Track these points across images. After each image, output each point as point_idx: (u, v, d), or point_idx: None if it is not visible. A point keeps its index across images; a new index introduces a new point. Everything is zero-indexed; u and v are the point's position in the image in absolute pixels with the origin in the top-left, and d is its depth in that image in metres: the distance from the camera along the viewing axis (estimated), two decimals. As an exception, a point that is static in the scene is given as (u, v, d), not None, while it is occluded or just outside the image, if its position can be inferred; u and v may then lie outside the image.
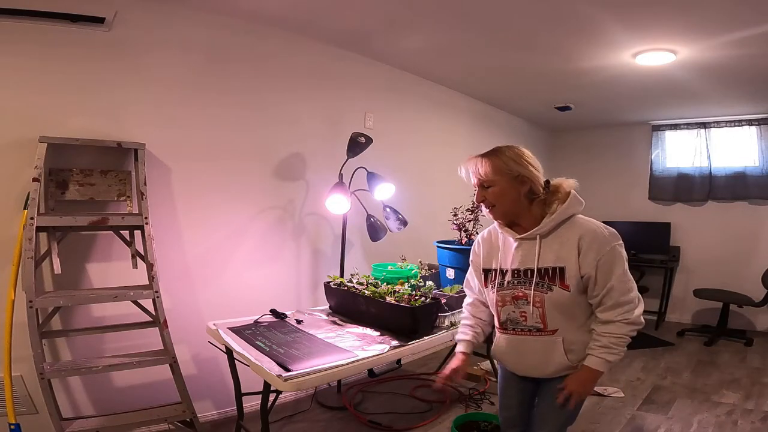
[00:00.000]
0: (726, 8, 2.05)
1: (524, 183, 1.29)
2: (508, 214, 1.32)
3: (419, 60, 3.08)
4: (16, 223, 1.78)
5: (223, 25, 2.33)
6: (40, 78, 1.88)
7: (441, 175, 3.72)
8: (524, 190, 1.29)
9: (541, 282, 1.26)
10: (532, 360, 1.35)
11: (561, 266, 1.24)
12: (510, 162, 1.29)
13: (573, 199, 1.28)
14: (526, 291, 1.29)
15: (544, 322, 1.28)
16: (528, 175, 1.29)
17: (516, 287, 1.31)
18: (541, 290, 1.26)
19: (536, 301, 1.27)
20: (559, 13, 2.22)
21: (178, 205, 2.24)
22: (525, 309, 1.30)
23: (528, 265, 1.29)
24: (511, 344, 1.38)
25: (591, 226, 1.25)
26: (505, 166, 1.28)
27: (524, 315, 1.31)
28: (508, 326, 1.36)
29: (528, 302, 1.29)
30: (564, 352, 1.28)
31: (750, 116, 4.16)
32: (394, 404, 2.60)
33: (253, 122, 2.49)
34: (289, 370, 1.40)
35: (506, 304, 1.34)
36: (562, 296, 1.24)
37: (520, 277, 1.30)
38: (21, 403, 1.83)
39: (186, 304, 2.25)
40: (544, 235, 1.28)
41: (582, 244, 1.22)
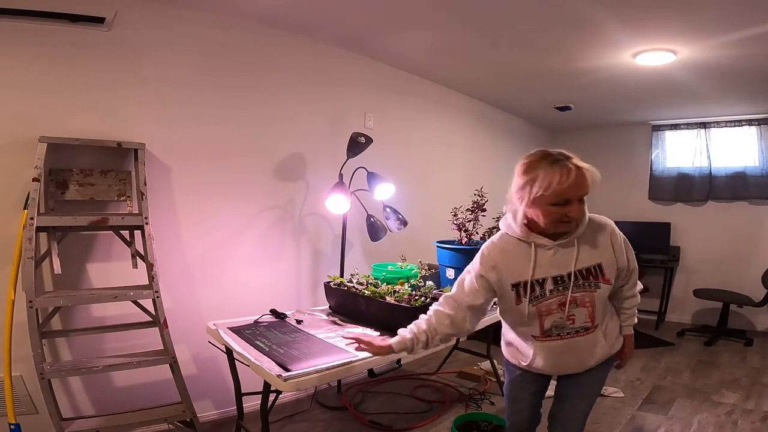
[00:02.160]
0: (726, 8, 2.05)
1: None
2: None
3: (419, 60, 3.08)
4: (16, 223, 1.78)
5: (223, 25, 2.33)
6: (40, 78, 1.88)
7: (441, 175, 3.73)
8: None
9: (586, 282, 1.27)
10: (575, 358, 1.35)
11: (598, 263, 1.28)
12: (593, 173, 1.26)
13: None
14: (575, 294, 1.27)
15: (593, 320, 1.31)
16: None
17: (561, 293, 1.28)
18: (590, 290, 1.27)
19: (586, 301, 1.28)
20: (559, 13, 2.22)
21: (178, 205, 2.24)
22: (574, 312, 1.29)
23: (567, 269, 1.27)
24: (555, 349, 1.34)
25: (609, 222, 1.34)
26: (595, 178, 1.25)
27: (572, 318, 1.29)
28: (553, 333, 1.32)
29: (577, 305, 1.28)
30: (604, 340, 1.35)
31: (750, 116, 4.16)
32: (394, 404, 2.60)
33: (253, 122, 2.49)
34: (289, 370, 1.40)
35: (552, 313, 1.30)
36: (606, 290, 1.29)
37: (563, 283, 1.28)
38: (21, 403, 1.83)
39: (186, 304, 2.25)
40: (581, 239, 1.29)
41: (614, 240, 1.30)
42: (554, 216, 1.21)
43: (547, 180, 1.17)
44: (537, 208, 1.22)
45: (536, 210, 1.22)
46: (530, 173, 1.21)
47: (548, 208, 1.20)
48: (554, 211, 1.20)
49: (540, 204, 1.20)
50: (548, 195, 1.18)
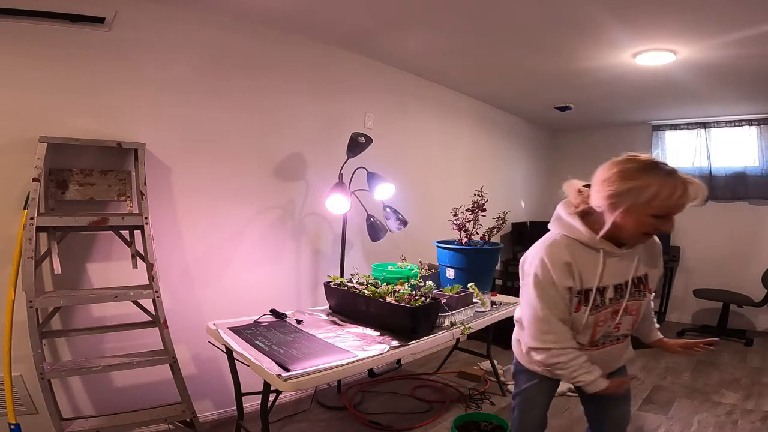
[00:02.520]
0: (726, 8, 2.05)
1: None
2: None
3: (419, 60, 3.08)
4: (16, 223, 1.78)
5: (223, 24, 2.33)
6: (40, 78, 1.88)
7: (441, 175, 3.73)
8: None
9: (637, 290, 1.28)
10: (605, 364, 1.30)
11: (646, 272, 1.29)
12: None
13: None
14: (627, 303, 1.26)
15: (633, 328, 1.34)
16: None
17: (617, 302, 1.26)
18: (639, 298, 1.28)
19: (633, 309, 1.28)
20: (559, 13, 2.22)
21: (178, 205, 2.24)
22: (621, 320, 1.28)
23: (626, 277, 1.26)
24: (596, 358, 1.29)
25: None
26: None
27: (619, 326, 1.29)
28: (600, 341, 1.30)
29: (627, 313, 1.28)
30: (630, 344, 1.39)
31: (750, 116, 4.16)
32: (394, 404, 2.60)
33: (253, 122, 2.49)
34: (289, 370, 1.40)
35: (606, 322, 1.27)
36: (648, 298, 1.32)
37: (621, 291, 1.26)
38: (21, 403, 1.83)
39: (186, 304, 2.25)
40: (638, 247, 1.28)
41: (659, 250, 1.34)
42: (647, 228, 1.15)
43: (659, 191, 1.08)
44: (632, 217, 1.13)
45: (630, 218, 1.13)
46: (638, 180, 1.10)
47: (646, 219, 1.13)
48: (650, 224, 1.13)
49: (639, 213, 1.12)
50: (655, 206, 1.10)
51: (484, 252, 2.55)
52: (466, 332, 2.01)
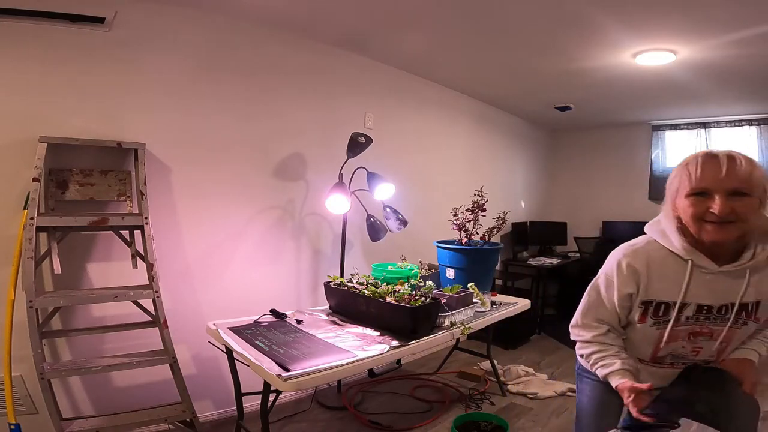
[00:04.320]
0: (726, 8, 2.05)
1: (764, 201, 1.05)
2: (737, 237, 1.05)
3: (419, 60, 3.08)
4: (16, 223, 1.78)
5: (223, 25, 2.33)
6: (40, 78, 1.88)
7: (441, 174, 3.73)
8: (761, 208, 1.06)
9: (737, 317, 1.10)
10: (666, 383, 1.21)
11: (758, 300, 1.10)
12: (765, 174, 1.05)
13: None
14: (713, 327, 1.11)
15: (719, 356, 1.16)
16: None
17: (700, 323, 1.12)
18: (735, 326, 1.11)
19: (725, 337, 1.12)
20: (559, 13, 2.22)
21: (178, 205, 2.24)
22: (702, 344, 1.14)
23: (724, 301, 1.09)
24: (657, 375, 1.20)
25: None
26: (764, 179, 1.03)
27: (697, 350, 1.15)
28: (666, 361, 1.19)
29: (711, 338, 1.13)
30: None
31: (750, 116, 4.16)
32: (394, 404, 2.60)
33: (254, 122, 2.49)
34: (289, 370, 1.40)
35: (677, 341, 1.14)
36: (752, 329, 1.14)
37: (710, 314, 1.11)
38: (21, 403, 1.83)
39: (186, 304, 2.25)
40: (753, 270, 1.08)
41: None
42: (695, 211, 1.03)
43: (690, 166, 1.05)
44: (681, 202, 1.07)
45: (681, 205, 1.07)
46: (682, 163, 1.09)
47: (689, 200, 1.04)
48: (695, 204, 1.03)
49: (683, 196, 1.06)
50: (689, 182, 1.04)
51: (484, 252, 2.55)
52: (466, 332, 2.01)
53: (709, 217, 1.02)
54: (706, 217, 1.03)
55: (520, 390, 2.77)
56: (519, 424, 2.37)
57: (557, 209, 5.30)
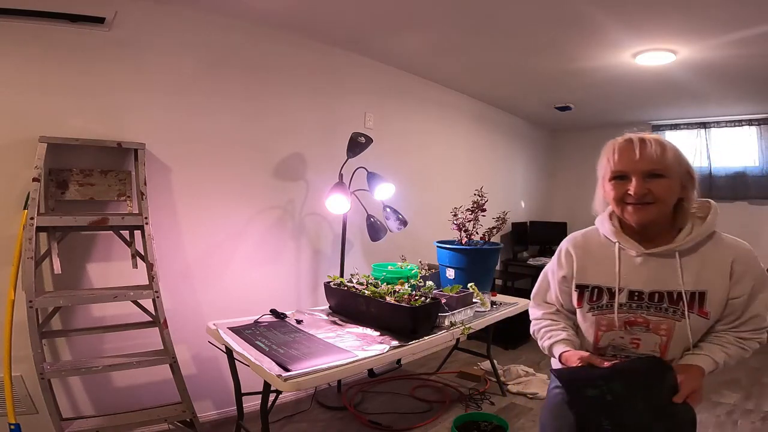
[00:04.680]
0: (726, 8, 2.05)
1: (687, 187, 1.06)
2: (658, 219, 1.05)
3: (419, 60, 3.08)
4: (16, 223, 1.78)
5: (223, 25, 2.33)
6: (40, 78, 1.88)
7: (441, 174, 3.73)
8: (683, 193, 1.06)
9: (674, 308, 1.05)
10: None
11: (702, 290, 1.04)
12: (681, 156, 1.06)
13: (716, 212, 1.08)
14: (648, 317, 1.07)
15: (663, 352, 1.09)
16: (694, 177, 1.07)
17: (633, 311, 1.09)
18: (672, 317, 1.06)
19: (662, 328, 1.07)
20: (559, 14, 2.22)
21: (178, 205, 2.24)
22: (640, 336, 1.09)
23: (656, 287, 1.07)
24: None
25: (743, 246, 1.06)
26: (680, 159, 1.05)
27: (636, 342, 1.10)
28: (608, 353, 1.15)
29: (648, 329, 1.08)
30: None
31: (750, 116, 4.16)
32: (394, 404, 2.60)
33: (253, 122, 2.49)
34: (289, 370, 1.40)
35: (612, 329, 1.11)
36: (699, 324, 1.05)
37: (641, 300, 1.08)
38: (21, 403, 1.83)
39: (186, 304, 2.25)
40: (684, 253, 1.06)
41: (737, 268, 1.03)
42: (616, 193, 1.05)
43: (610, 151, 1.07)
44: (606, 187, 1.09)
45: (606, 189, 1.09)
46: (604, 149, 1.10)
47: (611, 184, 1.07)
48: (616, 187, 1.05)
49: (607, 180, 1.08)
50: (609, 167, 1.06)
51: (484, 252, 2.55)
52: (466, 332, 2.01)
53: (629, 199, 1.04)
54: (626, 199, 1.05)
55: (520, 390, 2.77)
56: (519, 424, 2.37)
57: (557, 209, 5.30)
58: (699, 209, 1.09)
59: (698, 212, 1.08)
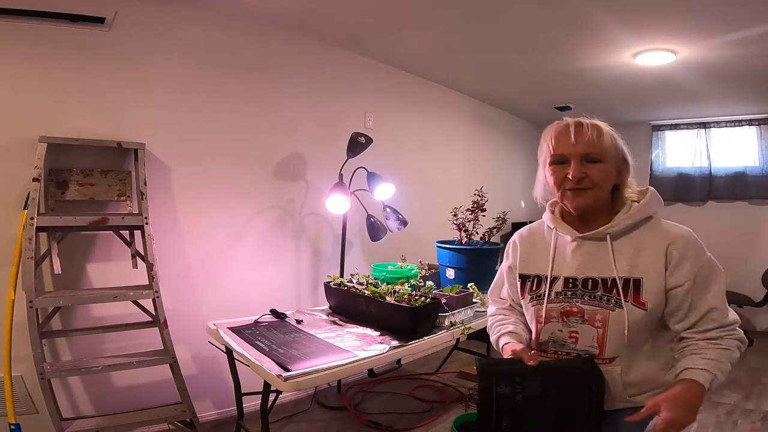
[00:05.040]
0: (726, 8, 2.05)
1: (623, 171, 1.06)
2: (596, 203, 1.03)
3: (419, 60, 3.08)
4: (16, 223, 1.78)
5: (223, 25, 2.33)
6: (40, 78, 1.88)
7: (441, 175, 3.73)
8: (619, 179, 1.06)
9: (607, 296, 1.00)
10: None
11: (637, 278, 0.98)
12: (618, 141, 1.05)
13: (653, 196, 1.06)
14: (583, 306, 1.02)
15: (602, 347, 1.01)
16: (629, 163, 1.07)
17: (568, 299, 1.04)
18: (606, 306, 0.99)
19: (597, 319, 1.00)
20: (559, 14, 2.22)
21: (178, 205, 2.24)
22: (577, 328, 1.03)
23: (589, 272, 1.02)
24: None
25: (681, 231, 1.01)
26: (616, 144, 1.04)
27: (575, 336, 1.03)
28: (549, 348, 1.08)
29: (584, 320, 1.02)
30: (622, 385, 1.01)
31: (750, 116, 4.17)
32: (394, 404, 2.60)
33: (253, 122, 2.49)
34: (289, 370, 1.40)
35: (551, 321, 1.06)
36: (635, 315, 0.97)
37: (575, 288, 1.03)
38: (21, 403, 1.83)
39: (186, 304, 2.25)
40: (616, 236, 1.02)
41: (673, 253, 0.97)
42: (556, 178, 1.03)
43: (549, 136, 1.06)
44: (546, 172, 1.07)
45: (547, 175, 1.07)
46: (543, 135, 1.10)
47: (551, 168, 1.05)
48: (555, 171, 1.03)
49: (547, 165, 1.07)
50: (548, 151, 1.05)
51: (484, 252, 2.55)
52: (466, 332, 2.01)
53: (567, 184, 1.02)
54: (565, 184, 1.02)
55: (520, 390, 2.77)
56: (519, 424, 2.37)
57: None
58: (638, 195, 1.07)
59: (637, 198, 1.06)
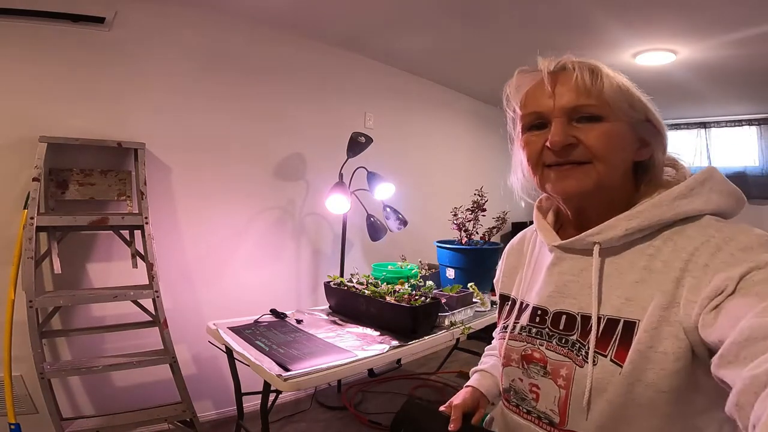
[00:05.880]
0: (726, 8, 2.05)
1: (650, 141, 0.67)
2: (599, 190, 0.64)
3: (419, 60, 3.08)
4: (16, 223, 1.78)
5: (223, 25, 2.33)
6: (40, 78, 1.88)
7: (441, 175, 3.73)
8: (643, 153, 0.67)
9: (581, 342, 0.64)
10: None
11: (631, 319, 0.60)
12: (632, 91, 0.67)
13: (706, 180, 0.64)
14: (547, 352, 0.68)
15: (563, 416, 0.65)
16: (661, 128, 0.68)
17: (532, 339, 0.71)
18: (576, 357, 0.64)
19: (561, 375, 0.65)
20: (559, 14, 2.22)
21: (178, 204, 2.24)
22: (538, 382, 0.69)
23: (564, 304, 0.68)
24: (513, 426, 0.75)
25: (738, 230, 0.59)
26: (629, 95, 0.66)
27: (536, 391, 0.70)
28: (512, 399, 0.75)
29: (546, 371, 0.68)
30: None
31: (750, 116, 4.17)
32: (394, 404, 2.60)
33: (254, 121, 2.49)
34: (289, 369, 1.40)
35: (510, 364, 0.75)
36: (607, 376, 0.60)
37: (543, 325, 0.70)
38: (21, 403, 1.83)
39: (186, 304, 2.25)
40: (613, 249, 0.65)
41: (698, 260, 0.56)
42: (530, 150, 0.68)
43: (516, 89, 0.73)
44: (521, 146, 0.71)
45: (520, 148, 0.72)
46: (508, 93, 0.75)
47: (524, 138, 0.70)
48: (530, 142, 0.68)
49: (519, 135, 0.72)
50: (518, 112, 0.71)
51: (484, 252, 2.55)
52: (466, 332, 2.01)
53: (547, 157, 0.65)
54: (544, 158, 0.66)
55: (520, 390, 2.77)
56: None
57: (557, 209, 5.29)
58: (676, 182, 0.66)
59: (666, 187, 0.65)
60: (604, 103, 0.63)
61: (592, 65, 0.66)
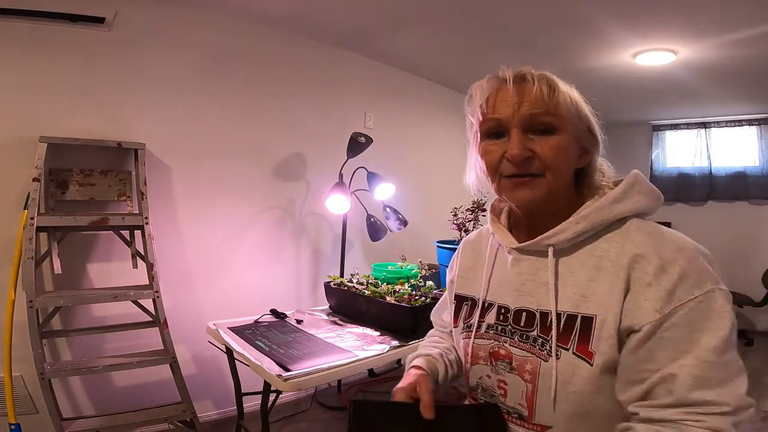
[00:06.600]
0: (726, 8, 2.05)
1: (589, 149, 0.74)
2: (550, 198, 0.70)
3: (419, 60, 3.08)
4: (16, 223, 1.78)
5: (223, 25, 2.33)
6: (40, 78, 1.88)
7: (441, 175, 3.72)
8: (584, 160, 0.74)
9: (543, 338, 0.69)
10: None
11: (588, 315, 0.65)
12: (580, 104, 0.72)
13: (632, 184, 0.71)
14: (511, 348, 0.73)
15: (530, 409, 0.69)
16: (597, 136, 0.75)
17: (498, 336, 0.76)
18: (539, 352, 0.69)
19: (526, 369, 0.70)
20: (559, 14, 2.22)
21: (179, 205, 2.24)
22: (506, 378, 0.73)
23: (524, 302, 0.74)
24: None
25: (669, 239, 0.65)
26: (578, 107, 0.71)
27: (503, 387, 0.74)
28: (480, 397, 0.80)
29: (512, 367, 0.72)
30: None
31: (750, 116, 4.17)
32: (394, 404, 2.60)
33: (254, 122, 2.49)
34: (289, 370, 1.40)
35: (478, 362, 0.78)
36: (572, 370, 0.65)
37: (506, 321, 0.75)
38: (21, 403, 1.83)
39: (186, 304, 2.25)
40: (565, 250, 0.71)
41: (638, 271, 0.63)
42: (489, 159, 0.72)
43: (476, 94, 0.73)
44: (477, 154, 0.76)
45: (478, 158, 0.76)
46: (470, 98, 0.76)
47: (483, 145, 0.74)
48: (488, 150, 0.72)
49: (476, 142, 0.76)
50: (477, 119, 0.73)
51: (484, 252, 2.55)
52: (466, 332, 2.01)
53: (505, 169, 0.70)
54: (502, 169, 0.71)
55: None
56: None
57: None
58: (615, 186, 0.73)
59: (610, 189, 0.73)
60: (559, 116, 0.68)
61: (550, 79, 0.70)
